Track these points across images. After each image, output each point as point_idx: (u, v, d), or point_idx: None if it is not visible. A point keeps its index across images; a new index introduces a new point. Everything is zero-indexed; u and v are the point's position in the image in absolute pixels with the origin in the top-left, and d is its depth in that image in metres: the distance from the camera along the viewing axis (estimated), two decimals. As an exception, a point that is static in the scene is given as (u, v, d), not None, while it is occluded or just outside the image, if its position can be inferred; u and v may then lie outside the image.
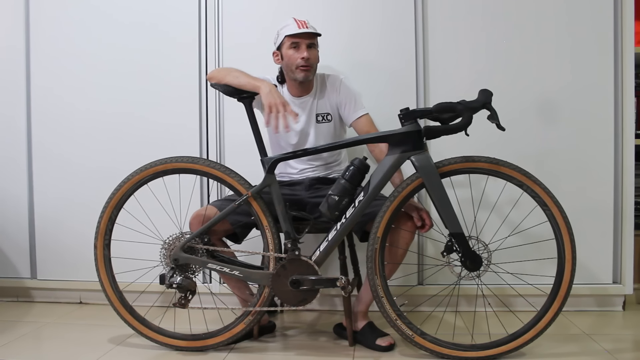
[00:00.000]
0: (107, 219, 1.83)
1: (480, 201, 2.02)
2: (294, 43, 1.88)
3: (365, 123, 1.96)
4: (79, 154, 2.41)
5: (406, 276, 2.11)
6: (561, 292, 1.65)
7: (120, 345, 1.87)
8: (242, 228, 1.89)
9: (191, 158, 1.81)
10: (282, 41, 1.90)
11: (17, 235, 2.47)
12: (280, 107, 1.68)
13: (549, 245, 1.70)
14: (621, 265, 2.19)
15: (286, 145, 2.00)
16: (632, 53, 2.14)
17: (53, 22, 2.41)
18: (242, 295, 1.90)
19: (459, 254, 1.65)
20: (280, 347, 1.89)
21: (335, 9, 2.27)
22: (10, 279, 2.47)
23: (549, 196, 1.65)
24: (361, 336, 1.86)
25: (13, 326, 2.10)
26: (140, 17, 2.36)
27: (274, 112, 1.68)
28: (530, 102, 2.21)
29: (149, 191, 1.88)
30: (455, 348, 1.68)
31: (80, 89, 2.40)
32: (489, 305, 2.03)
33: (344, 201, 1.69)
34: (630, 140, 2.17)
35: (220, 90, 1.81)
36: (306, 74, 1.90)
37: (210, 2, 2.31)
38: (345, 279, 1.73)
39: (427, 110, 1.64)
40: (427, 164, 1.64)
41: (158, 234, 1.85)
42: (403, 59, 2.24)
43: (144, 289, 1.98)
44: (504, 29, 2.21)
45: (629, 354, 1.75)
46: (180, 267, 1.77)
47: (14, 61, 2.43)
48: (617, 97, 2.17)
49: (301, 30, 1.86)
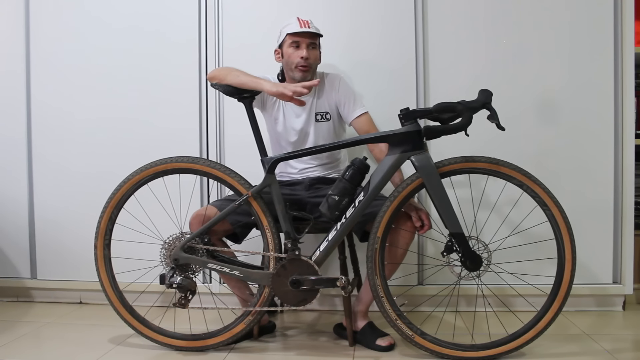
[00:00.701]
0: (107, 218, 1.83)
1: (480, 201, 2.03)
2: (295, 42, 1.89)
3: (365, 122, 1.96)
4: (78, 157, 2.40)
5: (406, 276, 2.11)
6: (561, 292, 1.65)
7: (120, 345, 1.87)
8: (242, 228, 1.89)
9: (191, 158, 1.81)
10: (283, 39, 1.91)
11: (17, 236, 2.47)
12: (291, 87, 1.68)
13: (549, 245, 1.70)
14: (621, 265, 2.19)
15: (286, 145, 2.00)
16: (632, 53, 2.14)
17: (51, 29, 2.40)
18: (242, 295, 1.90)
19: (459, 254, 1.65)
20: (280, 347, 1.89)
21: (336, 8, 2.27)
22: (10, 279, 2.47)
23: (549, 196, 1.65)
24: (361, 336, 1.87)
25: (13, 326, 2.10)
26: (140, 20, 2.36)
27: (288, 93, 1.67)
28: (530, 102, 2.21)
29: (149, 191, 1.88)
30: (455, 348, 1.68)
31: (83, 87, 2.40)
32: (489, 305, 2.03)
33: (344, 201, 1.69)
34: (630, 140, 2.17)
35: (221, 90, 1.81)
36: (304, 74, 1.90)
37: (210, 4, 2.31)
38: (345, 279, 1.73)
39: (427, 110, 1.64)
40: (427, 164, 1.64)
41: (158, 234, 1.85)
42: (403, 59, 2.24)
43: (144, 289, 1.98)
44: (503, 28, 2.21)
45: (629, 354, 1.75)
46: (181, 267, 1.77)
47: (14, 72, 2.44)
48: (617, 97, 2.17)
49: (302, 29, 1.87)
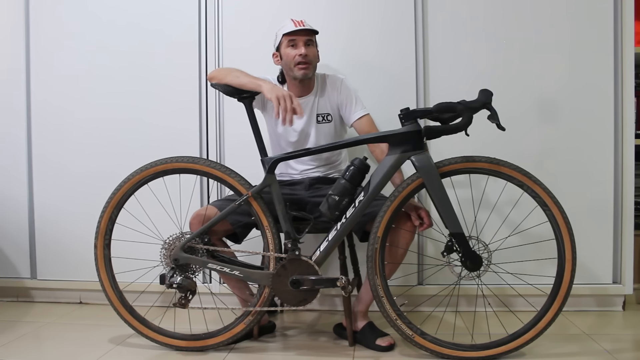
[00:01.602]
0: (107, 218, 1.83)
1: (481, 201, 2.03)
2: (292, 41, 1.89)
3: (366, 123, 1.96)
4: (78, 157, 2.40)
5: (406, 276, 2.11)
6: (561, 292, 1.65)
7: (120, 345, 1.87)
8: (242, 228, 1.89)
9: (191, 158, 1.81)
10: (280, 41, 1.91)
11: (17, 236, 2.46)
12: (287, 99, 1.67)
13: (549, 245, 1.70)
14: (621, 265, 2.19)
15: (286, 146, 2.00)
16: (632, 53, 2.14)
17: (51, 29, 2.40)
18: (242, 296, 1.90)
19: (459, 254, 1.65)
20: (280, 347, 1.89)
21: (336, 9, 2.27)
22: (10, 279, 2.47)
23: (549, 196, 1.65)
24: (361, 336, 1.86)
25: (13, 326, 2.10)
26: (139, 19, 2.36)
27: (282, 104, 1.66)
28: (531, 101, 2.21)
29: (149, 191, 1.88)
30: (455, 348, 1.68)
31: (83, 88, 2.40)
32: (489, 305, 2.03)
33: (344, 201, 1.69)
34: (630, 140, 2.17)
35: (221, 90, 1.81)
36: (305, 71, 1.90)
37: (210, 3, 2.31)
38: (345, 279, 1.73)
39: (427, 110, 1.64)
40: (427, 164, 1.64)
41: (158, 234, 1.85)
42: (403, 59, 2.24)
43: (144, 289, 1.98)
44: (503, 28, 2.21)
45: (629, 354, 1.75)
46: (181, 267, 1.77)
47: (14, 71, 2.44)
48: (617, 97, 2.17)
49: (298, 28, 1.87)
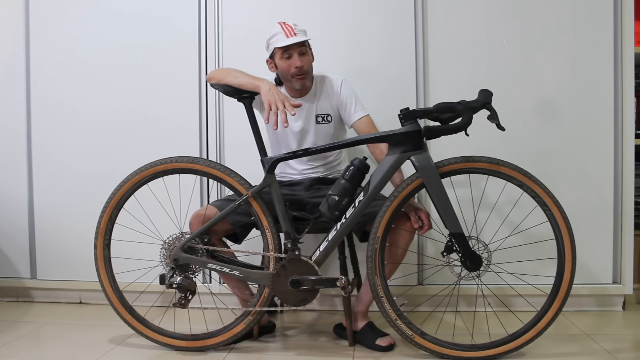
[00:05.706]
0: (107, 218, 1.83)
1: (480, 201, 2.03)
2: (286, 52, 1.86)
3: (366, 124, 1.95)
4: (78, 156, 2.40)
5: (406, 276, 2.11)
6: (561, 292, 1.65)
7: (120, 345, 1.87)
8: (242, 228, 1.89)
9: (191, 158, 1.81)
10: (273, 52, 1.89)
11: (17, 236, 2.46)
12: (279, 104, 1.67)
13: (549, 245, 1.70)
14: (621, 265, 2.19)
15: (286, 146, 2.00)
16: (632, 53, 2.14)
17: (52, 22, 2.41)
18: (242, 296, 1.90)
19: (459, 254, 1.65)
20: (280, 347, 1.89)
21: (337, 9, 2.27)
22: (10, 279, 2.47)
23: (549, 196, 1.65)
24: (361, 336, 1.86)
25: (13, 326, 2.10)
26: (139, 18, 2.36)
27: (273, 109, 1.67)
28: (530, 101, 2.20)
29: (149, 191, 1.88)
30: (455, 348, 1.68)
31: (81, 87, 2.40)
32: (489, 305, 2.03)
33: (344, 201, 1.69)
34: (630, 140, 2.17)
35: (220, 90, 1.81)
36: (302, 82, 1.89)
37: (210, 2, 2.31)
38: (345, 279, 1.73)
39: (427, 110, 1.64)
40: (427, 164, 1.64)
41: (158, 234, 1.85)
42: (403, 59, 2.23)
43: (144, 289, 1.98)
44: (504, 28, 2.21)
45: (629, 354, 1.75)
46: (180, 267, 1.77)
47: (14, 64, 2.43)
48: (617, 97, 2.17)
49: (290, 41, 1.83)
